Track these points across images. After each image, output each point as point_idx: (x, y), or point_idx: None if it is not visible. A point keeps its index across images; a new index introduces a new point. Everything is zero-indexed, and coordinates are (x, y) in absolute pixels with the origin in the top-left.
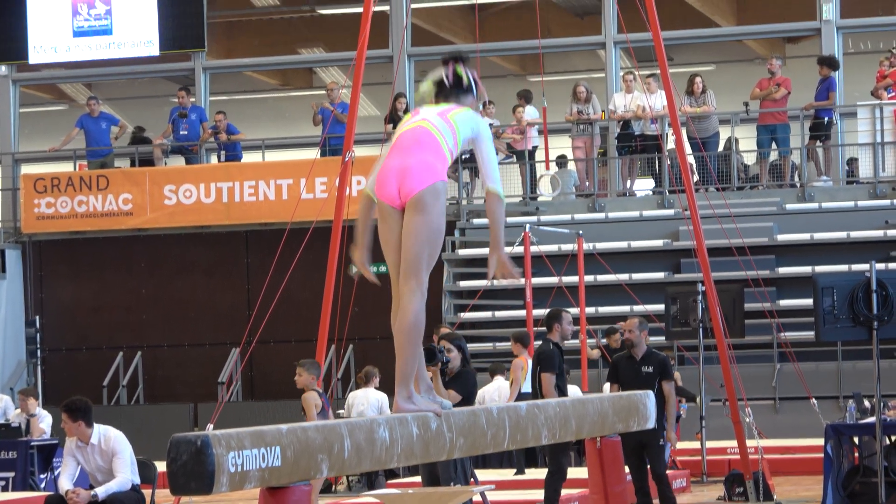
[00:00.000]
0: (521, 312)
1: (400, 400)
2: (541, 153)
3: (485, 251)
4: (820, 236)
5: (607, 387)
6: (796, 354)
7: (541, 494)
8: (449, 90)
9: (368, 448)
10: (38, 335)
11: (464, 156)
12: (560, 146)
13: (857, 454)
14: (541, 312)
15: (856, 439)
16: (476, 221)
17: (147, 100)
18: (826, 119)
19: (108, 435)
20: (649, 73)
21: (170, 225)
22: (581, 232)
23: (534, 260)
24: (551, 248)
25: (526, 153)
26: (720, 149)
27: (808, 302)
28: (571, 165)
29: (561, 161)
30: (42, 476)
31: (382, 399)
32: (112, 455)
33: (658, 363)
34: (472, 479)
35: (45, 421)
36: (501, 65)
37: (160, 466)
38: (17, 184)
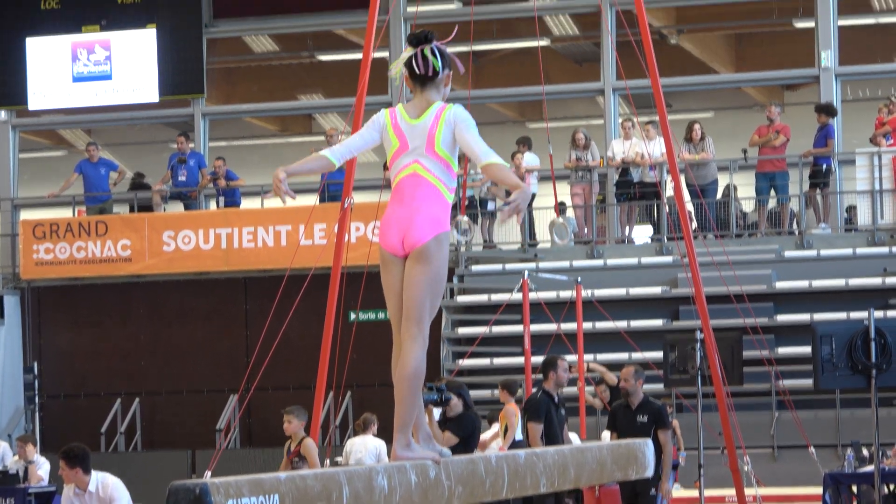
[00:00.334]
0: (520, 359)
1: (398, 448)
2: (539, 200)
3: (483, 297)
4: (818, 284)
5: (605, 434)
6: (795, 402)
7: None
8: (422, 76)
9: (367, 496)
10: (37, 381)
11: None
12: (559, 193)
13: (855, 503)
14: (539, 359)
15: (854, 488)
16: (475, 268)
17: (146, 145)
18: (825, 166)
19: (105, 482)
20: (648, 119)
21: (168, 271)
22: (579, 279)
23: (532, 307)
24: (550, 294)
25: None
26: (719, 196)
27: (807, 350)
28: (570, 212)
29: (560, 208)
30: None
31: (381, 446)
32: (109, 502)
33: (653, 412)
34: None
35: (42, 468)
36: (501, 111)
37: None
38: (16, 229)
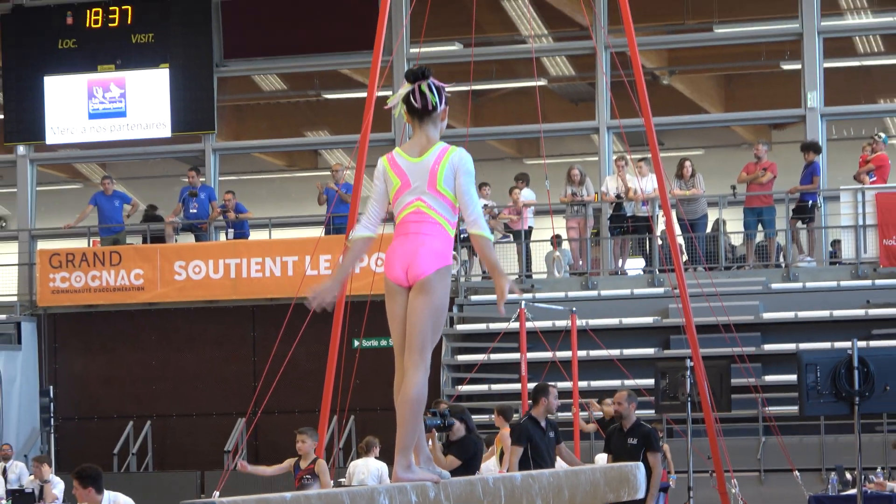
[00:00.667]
0: (516, 386)
1: (399, 470)
2: (536, 233)
3: (482, 326)
4: (804, 315)
5: (599, 457)
6: (780, 428)
7: None
8: (420, 110)
9: None
10: (52, 404)
11: (462, 235)
12: (555, 226)
13: None
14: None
15: None
16: (474, 298)
17: (159, 179)
18: (810, 202)
19: (117, 501)
20: (641, 157)
21: (179, 299)
22: (574, 309)
23: (529, 335)
24: (546, 324)
25: (522, 233)
26: (708, 230)
27: (793, 378)
28: (566, 245)
29: (556, 241)
30: None
31: (382, 468)
32: None
33: (643, 435)
34: None
35: (57, 487)
36: (499, 148)
37: None
38: (33, 259)
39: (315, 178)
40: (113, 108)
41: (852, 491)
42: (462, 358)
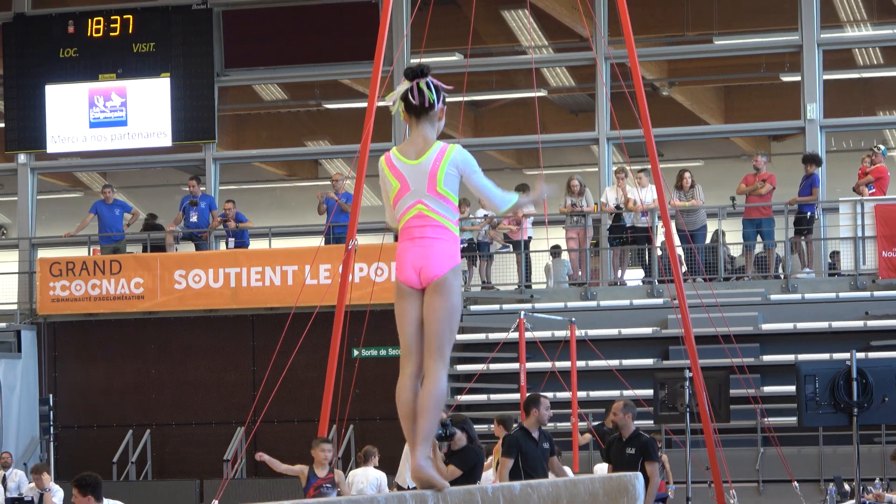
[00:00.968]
0: (516, 396)
1: (420, 459)
2: (535, 244)
3: (481, 336)
4: (803, 326)
5: (598, 467)
6: (779, 439)
7: None
8: (418, 108)
9: None
10: (52, 413)
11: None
12: (554, 237)
13: None
14: None
15: None
16: (473, 308)
17: (159, 188)
18: (809, 214)
19: None
20: (640, 167)
21: (179, 308)
22: (574, 319)
23: (528, 345)
24: (545, 334)
25: (522, 243)
26: (707, 241)
27: (792, 389)
28: (565, 255)
29: (555, 251)
30: None
31: (381, 477)
32: None
33: (640, 445)
34: None
35: (57, 495)
36: (499, 158)
37: None
38: (33, 267)
39: (315, 188)
40: (114, 116)
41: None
42: (461, 368)
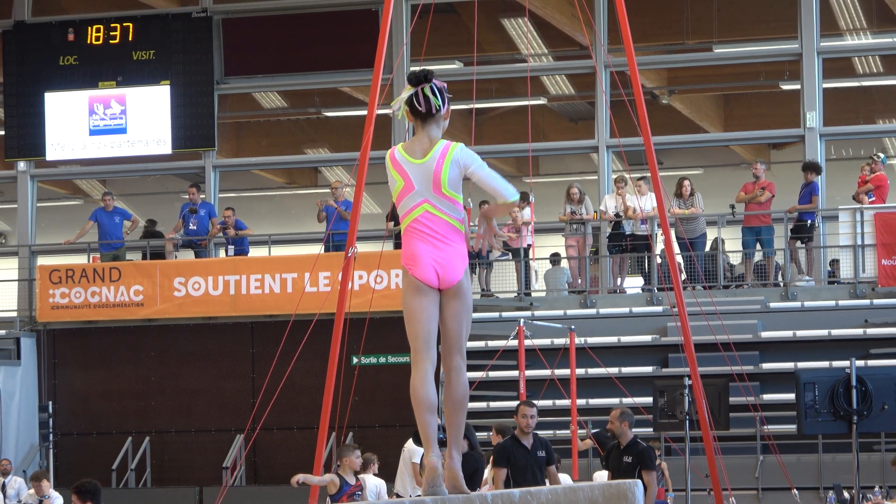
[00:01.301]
0: (515, 403)
1: (452, 462)
2: (535, 251)
3: (480, 344)
4: (802, 334)
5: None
6: (779, 447)
7: None
8: (423, 112)
9: None
10: (51, 420)
11: None
12: (554, 244)
13: None
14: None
15: None
16: (473, 316)
17: (159, 196)
18: (809, 222)
19: None
20: (640, 175)
21: (179, 315)
22: (573, 327)
23: (527, 353)
24: (544, 341)
25: (521, 251)
26: (707, 249)
27: (791, 396)
28: (564, 263)
29: (554, 259)
30: None
31: (381, 485)
32: None
33: (637, 454)
34: None
35: (56, 502)
36: (499, 166)
37: None
38: (33, 274)
39: (315, 196)
40: (114, 124)
41: None
42: None
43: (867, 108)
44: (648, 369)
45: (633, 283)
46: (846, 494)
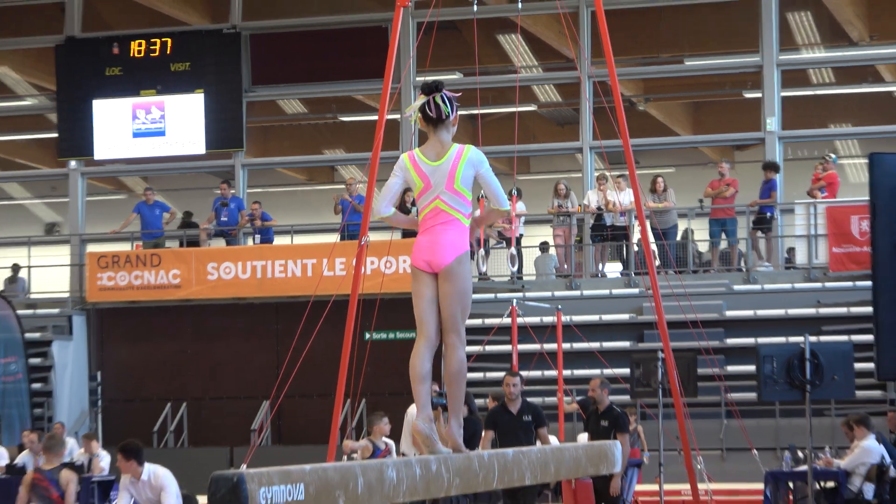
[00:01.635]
0: None
1: (453, 428)
2: (526, 240)
3: (478, 321)
4: (762, 313)
5: (581, 437)
6: (741, 412)
7: None
8: (434, 119)
9: (378, 486)
10: (99, 388)
11: None
12: (543, 234)
13: (791, 497)
14: (525, 374)
15: (791, 484)
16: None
17: (194, 191)
18: (768, 214)
19: (156, 472)
20: (619, 173)
21: (211, 296)
22: (560, 306)
23: (519, 330)
24: (534, 320)
25: (514, 240)
26: (678, 238)
27: (752, 368)
28: (552, 251)
29: (543, 247)
30: None
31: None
32: (160, 490)
33: (613, 418)
34: None
35: (104, 460)
36: (495, 165)
37: (201, 500)
38: (83, 260)
39: (332, 191)
40: (154, 128)
41: (804, 467)
42: None
43: (821, 114)
44: (626, 344)
45: (613, 269)
46: (800, 454)
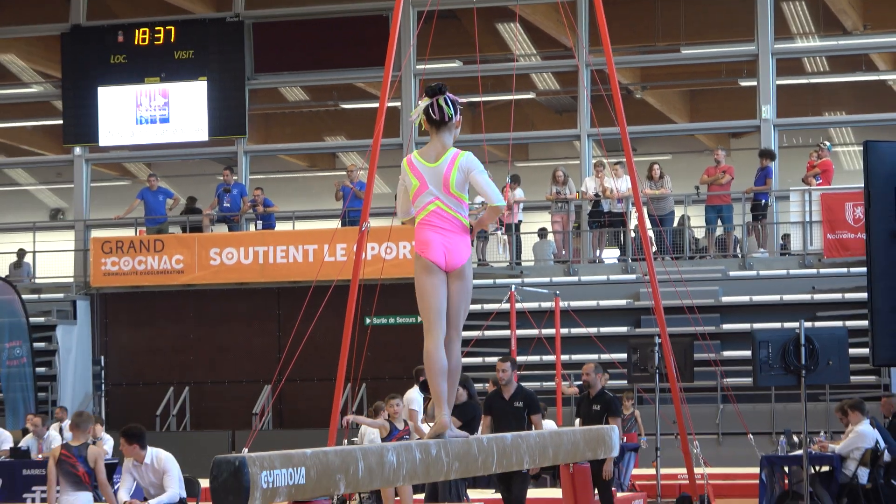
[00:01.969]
0: None
1: (446, 417)
2: (524, 226)
3: (477, 307)
4: (758, 299)
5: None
6: (736, 397)
7: None
8: (438, 121)
9: (379, 470)
10: (103, 372)
11: None
12: (541, 220)
13: (787, 481)
14: (523, 359)
15: (786, 468)
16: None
17: (197, 177)
18: (764, 201)
19: (159, 456)
20: (616, 160)
21: (214, 281)
22: (558, 292)
23: (518, 315)
24: (533, 305)
25: (513, 226)
26: (675, 224)
27: (747, 353)
28: (551, 237)
29: (542, 233)
30: None
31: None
32: (163, 473)
33: (605, 403)
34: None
35: (107, 444)
36: (494, 152)
37: (203, 483)
38: (87, 245)
39: (333, 178)
40: (158, 115)
41: (799, 452)
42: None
43: (815, 103)
44: (623, 329)
45: (611, 254)
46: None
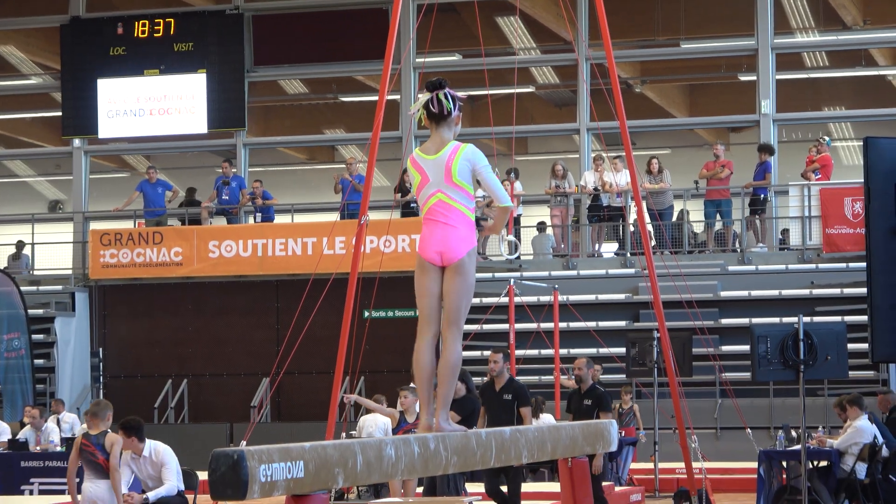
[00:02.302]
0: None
1: (441, 420)
2: (524, 220)
3: (476, 300)
4: (756, 293)
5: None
6: (735, 391)
7: None
8: (437, 115)
9: (377, 463)
10: (101, 364)
11: None
12: (540, 214)
13: (785, 476)
14: (522, 353)
15: (784, 463)
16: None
17: (196, 169)
18: (763, 196)
19: (157, 448)
20: (616, 154)
21: (213, 274)
22: (556, 286)
23: (517, 309)
24: (531, 299)
25: (511, 220)
26: (674, 219)
27: (746, 348)
28: (550, 231)
29: (541, 227)
30: None
31: (388, 423)
32: (161, 465)
33: (596, 397)
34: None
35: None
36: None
37: (202, 476)
38: (86, 237)
39: (332, 170)
40: (157, 107)
41: (797, 446)
42: None
43: (814, 97)
44: (622, 323)
45: (609, 249)
46: (793, 433)
